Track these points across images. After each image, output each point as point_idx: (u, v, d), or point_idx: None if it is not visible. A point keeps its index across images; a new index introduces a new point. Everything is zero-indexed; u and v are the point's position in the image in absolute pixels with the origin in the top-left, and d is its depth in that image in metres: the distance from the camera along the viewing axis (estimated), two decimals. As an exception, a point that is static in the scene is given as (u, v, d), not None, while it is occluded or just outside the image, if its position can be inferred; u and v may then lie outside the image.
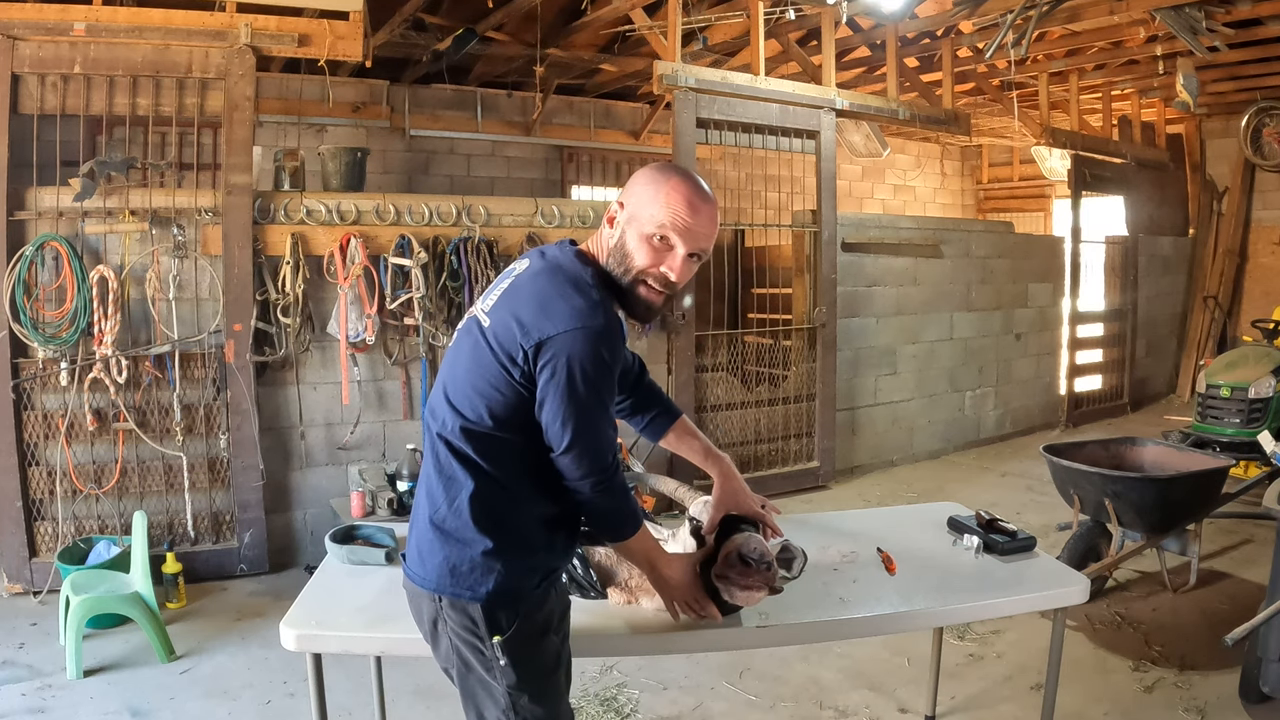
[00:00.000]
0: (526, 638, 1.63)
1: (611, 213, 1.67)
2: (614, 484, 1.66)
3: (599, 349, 1.54)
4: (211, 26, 4.16)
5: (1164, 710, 2.99)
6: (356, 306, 4.39)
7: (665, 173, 1.64)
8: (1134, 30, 6.24)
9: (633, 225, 1.62)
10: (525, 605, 1.64)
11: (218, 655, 3.46)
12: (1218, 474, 3.81)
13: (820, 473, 6.00)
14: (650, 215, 1.60)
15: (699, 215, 1.60)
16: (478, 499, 1.61)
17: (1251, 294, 8.74)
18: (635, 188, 1.65)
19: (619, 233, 1.64)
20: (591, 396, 1.56)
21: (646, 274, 1.62)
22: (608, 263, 1.65)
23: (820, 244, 5.90)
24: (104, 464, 4.13)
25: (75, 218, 4.05)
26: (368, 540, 2.43)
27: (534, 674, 1.65)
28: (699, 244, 1.62)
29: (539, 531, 1.68)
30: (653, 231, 1.60)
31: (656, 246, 1.61)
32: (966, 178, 11.76)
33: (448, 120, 7.64)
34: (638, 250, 1.61)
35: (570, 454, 1.59)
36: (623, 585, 2.03)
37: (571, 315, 1.54)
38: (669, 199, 1.59)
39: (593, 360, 1.54)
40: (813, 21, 6.09)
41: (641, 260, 1.61)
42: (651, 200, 1.61)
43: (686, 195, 1.60)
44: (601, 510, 1.69)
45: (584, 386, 1.55)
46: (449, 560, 1.62)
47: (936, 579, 2.20)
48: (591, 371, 1.54)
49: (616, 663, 3.31)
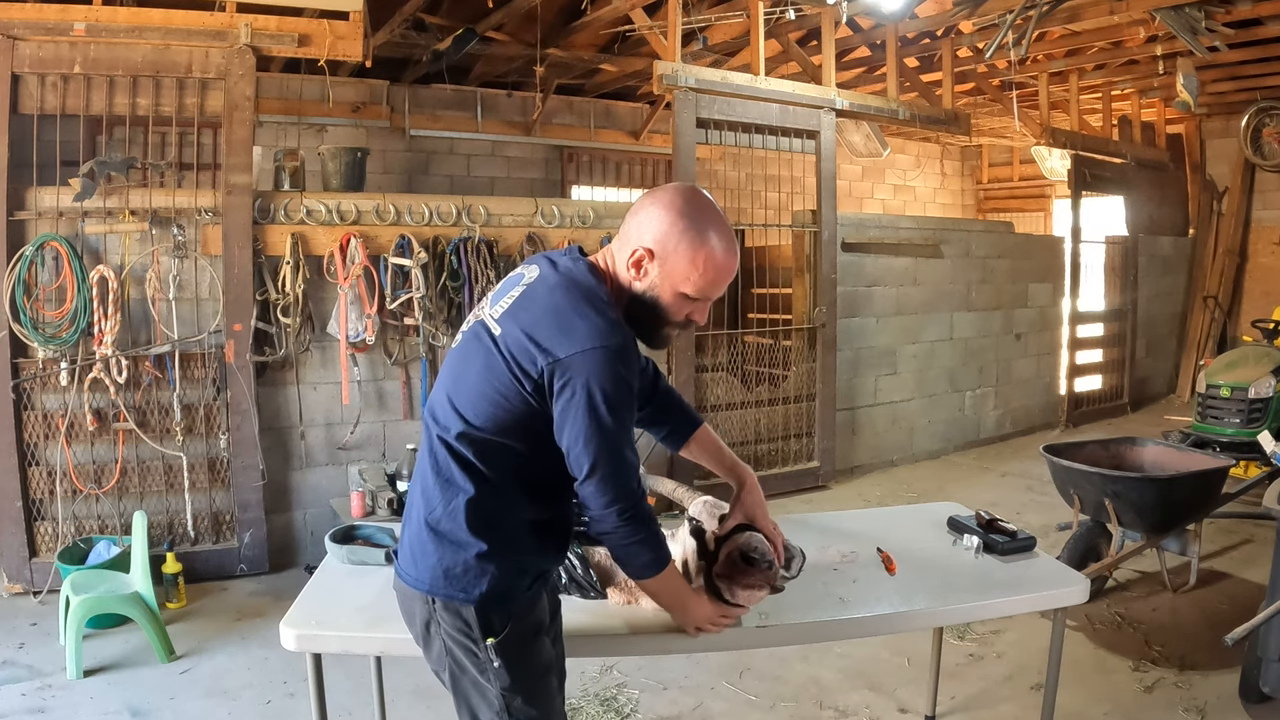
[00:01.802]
0: (519, 639, 1.64)
1: (638, 257, 1.62)
2: (640, 512, 1.64)
3: (618, 369, 1.54)
4: (211, 26, 4.17)
5: (1164, 710, 2.99)
6: (356, 306, 4.39)
7: (701, 230, 1.59)
8: (1134, 30, 6.24)
9: (667, 282, 1.62)
10: (518, 607, 1.65)
11: (218, 655, 3.46)
12: (1218, 474, 3.81)
13: (820, 473, 6.00)
14: (686, 277, 1.61)
15: (730, 274, 1.65)
16: (475, 503, 1.61)
17: (1251, 294, 8.74)
18: (670, 241, 1.60)
19: (648, 281, 1.63)
20: (614, 419, 1.55)
21: (676, 323, 1.68)
22: (629, 303, 1.65)
23: (820, 244, 5.90)
24: (104, 464, 4.13)
25: (75, 218, 4.06)
26: (368, 540, 2.44)
27: (527, 675, 1.65)
28: (722, 290, 1.68)
29: (532, 536, 1.68)
30: (688, 292, 1.63)
31: (690, 303, 1.65)
32: (966, 178, 11.76)
33: (448, 120, 7.64)
34: (672, 305, 1.64)
35: (593, 480, 1.58)
36: (623, 585, 2.03)
37: (590, 334, 1.53)
38: (708, 265, 1.61)
39: (613, 380, 1.53)
40: (813, 21, 6.09)
41: (675, 314, 1.66)
42: (689, 263, 1.60)
43: (723, 261, 1.62)
44: (627, 542, 1.66)
45: (605, 409, 1.53)
46: (442, 562, 1.62)
47: (936, 579, 2.20)
48: (612, 392, 1.53)
49: (616, 663, 3.31)
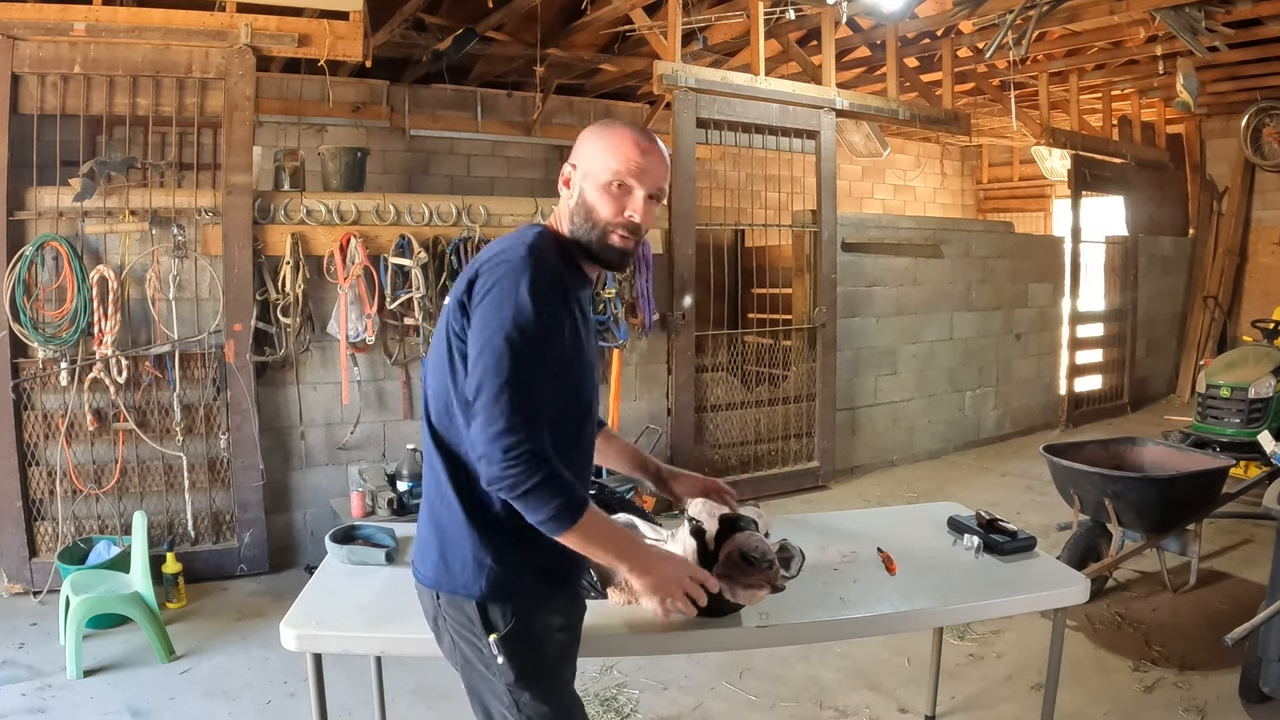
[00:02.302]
0: (525, 636, 1.61)
1: (565, 175, 1.68)
2: (536, 452, 1.45)
3: (544, 282, 1.49)
4: (211, 26, 4.17)
5: (1164, 710, 2.99)
6: (356, 306, 4.39)
7: (608, 125, 1.67)
8: (1134, 30, 6.24)
9: (589, 180, 1.64)
10: (524, 603, 1.62)
11: (218, 655, 3.46)
12: (1218, 474, 3.81)
13: (820, 473, 6.00)
14: (604, 165, 1.62)
15: (650, 156, 1.63)
16: (465, 496, 1.60)
17: (1251, 294, 8.73)
18: (583, 146, 1.67)
19: (577, 192, 1.65)
20: (521, 336, 1.44)
21: (613, 224, 1.64)
22: (573, 225, 1.66)
23: (820, 244, 5.90)
24: (104, 464, 4.13)
25: (75, 218, 4.06)
26: (368, 540, 2.43)
27: (535, 672, 1.63)
28: (655, 184, 1.65)
29: (530, 529, 1.61)
30: (609, 180, 1.62)
31: (616, 194, 1.63)
32: (966, 178, 11.75)
33: (448, 120, 7.63)
34: (599, 202, 1.63)
35: (480, 401, 1.44)
36: (623, 585, 2.03)
37: (514, 244, 1.56)
38: (618, 146, 1.62)
39: (533, 290, 1.47)
40: (813, 21, 6.09)
41: (606, 211, 1.63)
42: (602, 151, 1.63)
43: (634, 139, 1.63)
44: (522, 488, 1.45)
45: (514, 321, 1.44)
46: (443, 556, 1.63)
47: (936, 579, 2.20)
48: (529, 307, 1.45)
49: (616, 663, 3.31)
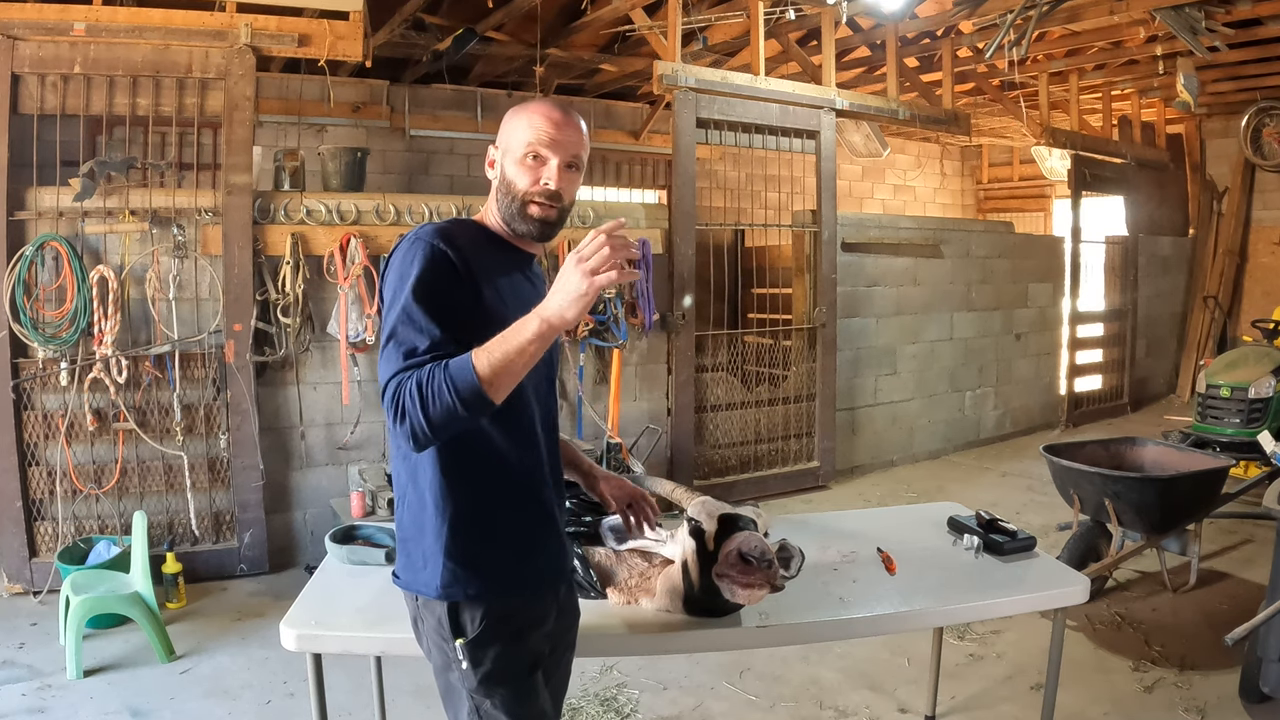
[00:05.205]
0: (492, 643, 1.58)
1: (490, 158, 1.72)
2: (396, 387, 1.44)
3: (441, 246, 1.55)
4: (211, 26, 4.17)
5: (1164, 710, 2.99)
6: (357, 306, 4.39)
7: (524, 103, 1.70)
8: (1134, 30, 6.24)
9: (507, 156, 1.67)
10: (495, 609, 1.59)
11: (218, 655, 3.46)
12: (1218, 474, 3.81)
13: (820, 473, 6.00)
14: (518, 140, 1.65)
15: (563, 126, 1.65)
16: (425, 491, 1.60)
17: (1251, 294, 8.73)
18: (503, 127, 1.69)
19: (499, 170, 1.69)
20: (423, 287, 1.50)
21: (530, 193, 1.66)
22: (498, 203, 1.69)
23: (820, 244, 5.90)
24: (104, 464, 4.13)
25: (75, 218, 4.06)
26: (368, 540, 2.44)
27: (499, 679, 1.59)
28: (570, 152, 1.66)
29: (499, 532, 1.62)
30: (524, 153, 1.65)
31: (531, 165, 1.65)
32: (966, 178, 11.76)
33: (448, 120, 7.63)
34: (517, 175, 1.65)
35: (388, 348, 1.50)
36: (622, 585, 2.03)
37: (420, 229, 1.60)
38: (531, 119, 1.65)
39: (427, 255, 1.53)
40: (813, 21, 6.09)
41: (523, 183, 1.65)
42: (516, 127, 1.66)
43: (545, 111, 1.66)
44: (406, 419, 1.42)
45: (414, 282, 1.50)
46: (411, 558, 1.63)
47: (936, 579, 2.20)
48: (426, 263, 1.52)
49: (616, 663, 3.31)
